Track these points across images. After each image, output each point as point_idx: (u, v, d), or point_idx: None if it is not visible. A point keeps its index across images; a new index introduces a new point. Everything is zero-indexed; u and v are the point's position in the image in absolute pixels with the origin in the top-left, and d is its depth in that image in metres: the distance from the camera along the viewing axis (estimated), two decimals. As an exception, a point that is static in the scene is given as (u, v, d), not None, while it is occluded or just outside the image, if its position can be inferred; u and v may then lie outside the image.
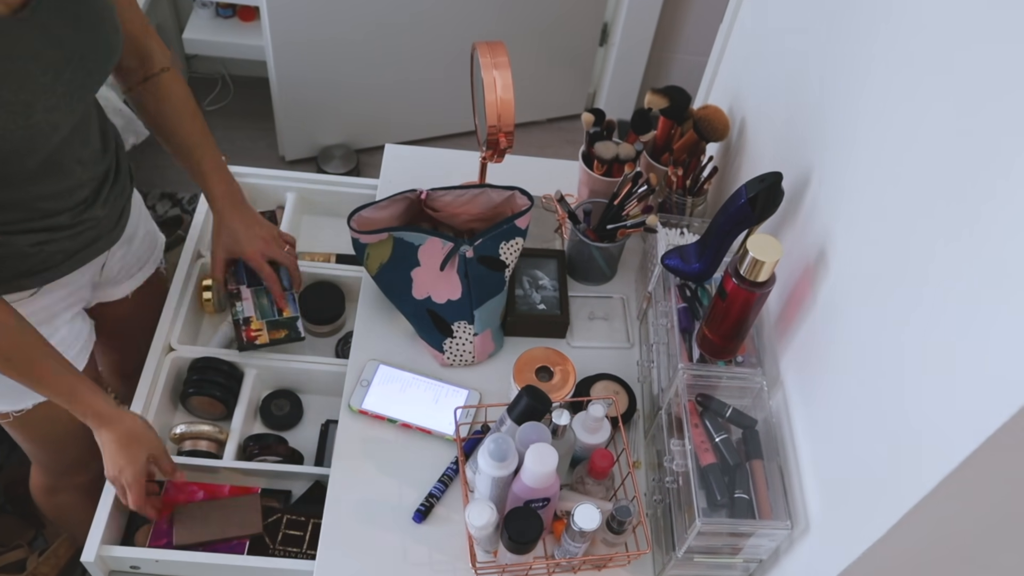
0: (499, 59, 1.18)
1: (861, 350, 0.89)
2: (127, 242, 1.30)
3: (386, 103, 2.59)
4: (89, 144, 1.10)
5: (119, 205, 1.21)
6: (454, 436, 1.19)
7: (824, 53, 1.08)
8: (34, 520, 1.80)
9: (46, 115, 0.94)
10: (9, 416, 1.23)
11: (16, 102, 0.90)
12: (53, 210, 1.07)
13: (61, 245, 1.11)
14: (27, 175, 1.01)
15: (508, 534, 1.00)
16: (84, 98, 1.01)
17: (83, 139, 1.08)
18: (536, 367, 1.18)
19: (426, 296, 1.26)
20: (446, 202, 1.28)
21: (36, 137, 0.94)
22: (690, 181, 1.34)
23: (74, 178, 1.08)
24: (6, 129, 0.90)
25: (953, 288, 0.74)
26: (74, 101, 0.99)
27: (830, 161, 1.03)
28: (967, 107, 0.75)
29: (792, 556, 1.00)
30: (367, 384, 1.26)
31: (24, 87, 0.91)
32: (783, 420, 1.07)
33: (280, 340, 1.39)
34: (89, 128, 1.09)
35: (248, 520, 1.23)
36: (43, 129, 0.95)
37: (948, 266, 0.75)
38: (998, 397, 0.65)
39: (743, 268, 1.01)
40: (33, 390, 1.11)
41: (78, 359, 1.25)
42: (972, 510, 0.77)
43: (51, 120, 0.95)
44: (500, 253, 1.25)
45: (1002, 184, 0.68)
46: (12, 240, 1.05)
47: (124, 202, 1.22)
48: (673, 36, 2.68)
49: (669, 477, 1.07)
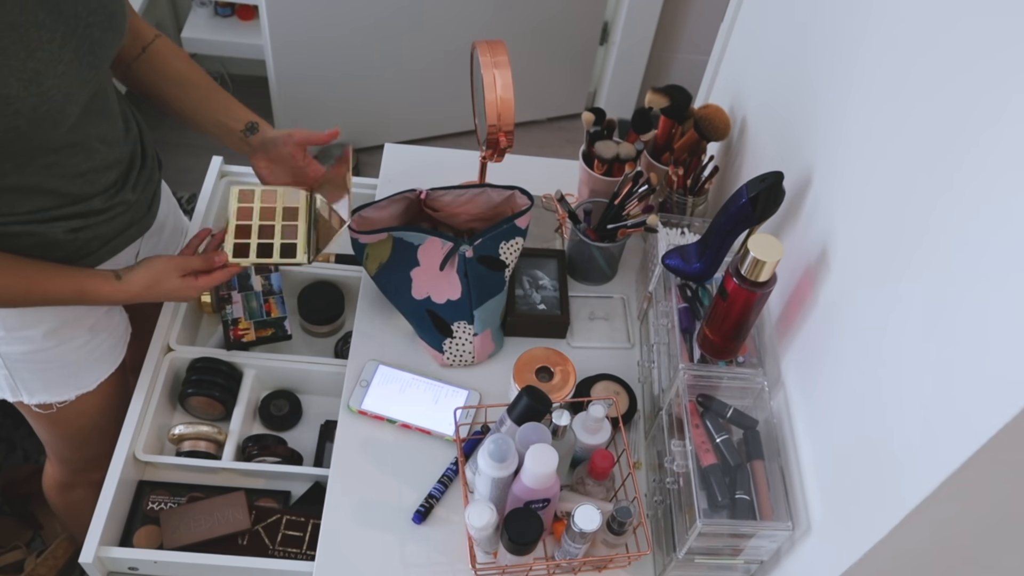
0: (499, 58, 1.18)
1: (863, 350, 0.89)
2: (158, 231, 1.32)
3: (386, 102, 2.59)
4: (109, 122, 1.11)
5: (150, 190, 1.23)
6: (454, 437, 1.19)
7: (826, 52, 1.07)
8: (32, 521, 1.80)
9: (56, 81, 0.95)
10: (53, 407, 1.26)
11: (25, 70, 0.91)
12: (84, 194, 1.09)
13: (96, 231, 1.13)
14: (50, 152, 1.02)
15: (508, 535, 0.99)
16: (95, 66, 1.01)
17: (102, 116, 1.09)
18: (536, 367, 1.18)
19: (425, 296, 1.26)
20: (446, 202, 1.28)
21: (51, 106, 0.95)
22: (691, 181, 1.33)
23: (99, 158, 1.09)
24: (18, 98, 0.91)
25: (956, 289, 0.73)
26: (84, 68, 0.99)
27: (831, 160, 1.02)
28: (972, 106, 0.74)
29: (793, 557, 1.00)
30: (366, 384, 1.25)
31: (32, 55, 0.92)
32: (784, 421, 1.07)
33: (267, 339, 1.41)
34: (107, 105, 1.10)
35: (236, 517, 1.23)
36: (55, 98, 0.95)
37: (951, 266, 0.75)
38: (999, 399, 0.65)
39: (744, 268, 1.01)
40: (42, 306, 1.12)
41: (115, 350, 1.29)
42: (973, 511, 0.77)
43: (62, 87, 0.96)
44: (500, 253, 1.25)
45: (1007, 183, 0.68)
46: (45, 229, 1.07)
47: (154, 187, 1.25)
48: (674, 35, 2.68)
49: (670, 478, 1.07)
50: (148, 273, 1.15)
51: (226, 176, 1.57)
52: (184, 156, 2.25)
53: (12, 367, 1.20)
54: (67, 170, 1.05)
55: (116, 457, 1.23)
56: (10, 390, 1.24)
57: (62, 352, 1.21)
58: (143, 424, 1.28)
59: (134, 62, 1.21)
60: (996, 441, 0.65)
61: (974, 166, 0.73)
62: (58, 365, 1.22)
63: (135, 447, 1.25)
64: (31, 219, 1.05)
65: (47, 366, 1.21)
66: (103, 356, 1.28)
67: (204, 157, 1.52)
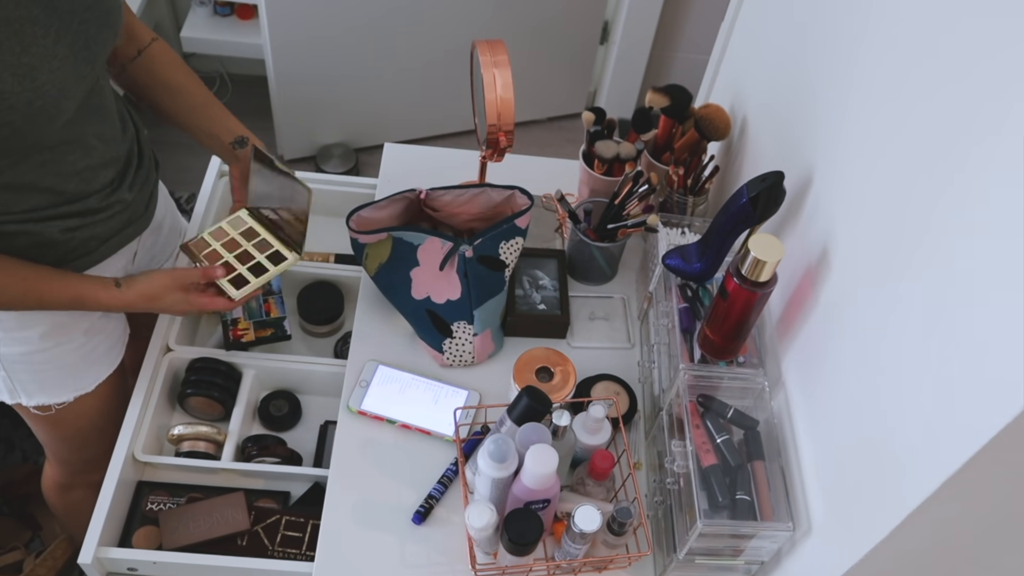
0: (499, 57, 1.18)
1: (863, 350, 0.89)
2: (156, 230, 1.32)
3: (385, 102, 2.59)
4: (106, 120, 1.11)
5: (147, 190, 1.23)
6: (454, 437, 1.18)
7: (827, 51, 1.07)
8: (31, 522, 1.79)
9: (51, 77, 0.95)
10: (51, 409, 1.26)
11: (19, 64, 0.91)
12: (81, 193, 1.09)
13: (93, 231, 1.13)
14: (45, 149, 1.02)
15: (508, 536, 0.99)
16: (90, 61, 1.01)
17: (98, 113, 1.09)
18: (536, 367, 1.18)
19: (425, 296, 1.25)
20: (446, 202, 1.27)
21: (45, 101, 0.95)
22: (691, 180, 1.33)
23: (96, 156, 1.09)
24: (12, 93, 0.91)
25: (957, 289, 0.73)
26: (79, 64, 0.99)
27: (832, 160, 1.02)
28: (973, 105, 0.74)
29: (794, 558, 1.00)
30: (366, 385, 1.25)
31: (27, 50, 0.92)
32: (785, 421, 1.06)
33: (266, 339, 1.41)
34: (104, 103, 1.10)
35: (235, 518, 1.23)
36: (51, 93, 0.95)
37: (952, 267, 0.74)
38: (1000, 399, 0.65)
39: (745, 268, 1.01)
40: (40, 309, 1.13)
41: (113, 352, 1.29)
42: (975, 511, 0.77)
43: (57, 83, 0.96)
44: (500, 253, 1.25)
45: (1009, 183, 0.68)
46: (41, 228, 1.06)
47: (152, 187, 1.25)
48: (674, 34, 2.68)
49: (670, 478, 1.07)
50: (147, 286, 1.15)
51: (225, 176, 1.57)
52: (183, 155, 2.24)
53: (10, 369, 1.20)
54: (63, 168, 1.05)
55: (115, 457, 1.23)
56: (8, 392, 1.23)
57: (59, 354, 1.20)
58: (142, 425, 1.28)
59: (129, 64, 1.21)
60: (997, 441, 0.65)
61: (976, 166, 0.72)
62: (55, 367, 1.22)
63: (134, 447, 1.25)
64: (26, 218, 1.05)
65: (44, 368, 1.21)
66: (101, 358, 1.28)
67: (203, 156, 1.52)
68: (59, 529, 1.76)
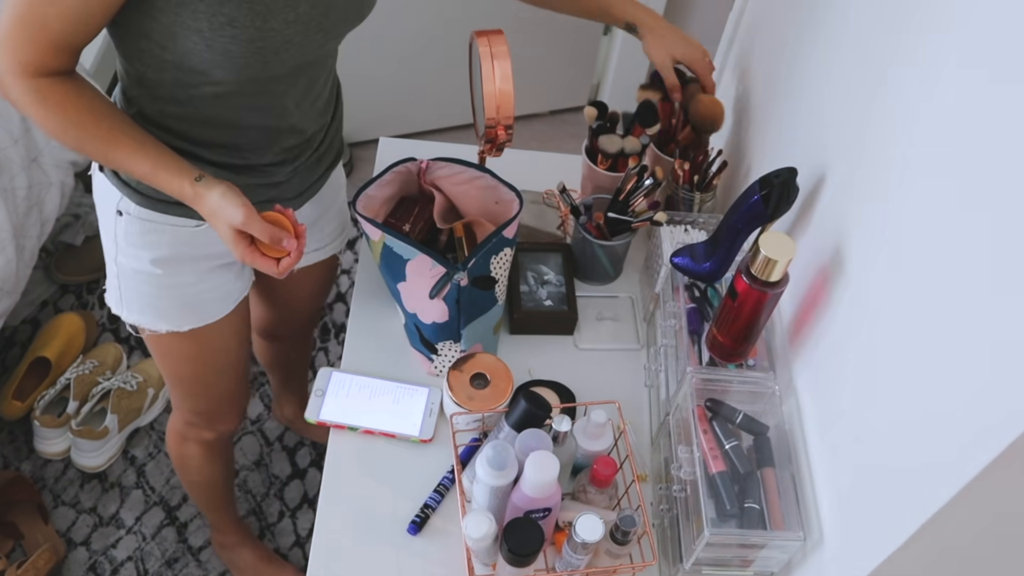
0: (498, 48, 1.15)
1: (878, 355, 0.88)
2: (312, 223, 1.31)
3: (381, 95, 2.56)
4: (312, 93, 1.12)
5: (309, 179, 1.23)
6: (419, 437, 1.17)
7: (838, 45, 1.06)
8: (12, 531, 1.76)
9: (282, 26, 0.97)
10: (144, 331, 1.25)
11: (260, 1, 0.94)
12: (254, 145, 1.10)
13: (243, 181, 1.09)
14: (247, 95, 1.04)
15: (507, 546, 0.97)
16: (324, 30, 1.02)
17: (310, 84, 1.11)
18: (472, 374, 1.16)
19: (413, 312, 1.21)
20: (443, 175, 1.25)
21: (266, 44, 0.97)
22: (698, 176, 1.31)
23: (285, 120, 1.10)
24: (242, 25, 0.94)
25: (975, 293, 0.72)
26: (312, 29, 1.01)
27: (846, 156, 1.01)
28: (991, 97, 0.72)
29: (805, 569, 0.99)
30: (322, 394, 1.21)
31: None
32: (796, 426, 1.05)
33: None
34: (319, 79, 1.13)
35: None
36: (274, 40, 0.97)
37: (970, 268, 0.73)
38: (1017, 407, 0.64)
39: (755, 267, 0.99)
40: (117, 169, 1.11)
41: (221, 303, 1.26)
42: (991, 521, 0.76)
43: (286, 34, 0.98)
44: (492, 269, 1.20)
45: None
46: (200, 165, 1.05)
47: (315, 179, 1.24)
48: (680, 25, 2.61)
49: (676, 485, 1.05)
50: (214, 203, 1.04)
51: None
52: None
53: (122, 277, 1.20)
54: (252, 118, 1.07)
55: None
56: (115, 301, 1.24)
57: (162, 283, 1.19)
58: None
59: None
60: (1013, 450, 0.65)
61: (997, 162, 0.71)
62: (155, 295, 1.20)
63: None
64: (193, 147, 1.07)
65: (143, 290, 1.20)
66: (203, 306, 1.24)
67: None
68: (42, 539, 1.72)
